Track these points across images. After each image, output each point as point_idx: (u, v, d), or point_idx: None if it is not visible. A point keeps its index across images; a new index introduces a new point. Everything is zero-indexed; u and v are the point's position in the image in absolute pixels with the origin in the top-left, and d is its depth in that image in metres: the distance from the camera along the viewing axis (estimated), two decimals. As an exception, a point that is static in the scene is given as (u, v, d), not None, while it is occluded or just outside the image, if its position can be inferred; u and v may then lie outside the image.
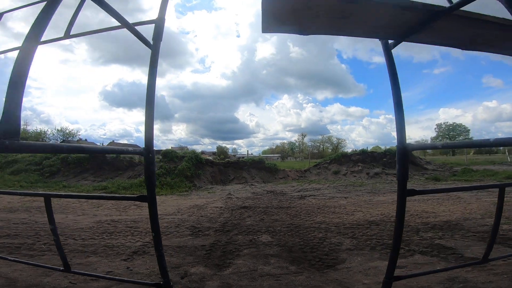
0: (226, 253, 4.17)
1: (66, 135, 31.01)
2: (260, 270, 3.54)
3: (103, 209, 8.07)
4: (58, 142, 31.10)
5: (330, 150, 64.17)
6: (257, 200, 9.59)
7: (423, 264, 3.80)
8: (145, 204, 6.52)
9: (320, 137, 72.10)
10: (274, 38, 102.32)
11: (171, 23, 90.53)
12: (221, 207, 8.40)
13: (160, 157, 18.35)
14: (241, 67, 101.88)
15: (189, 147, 21.61)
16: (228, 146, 75.01)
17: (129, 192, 11.97)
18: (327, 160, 20.38)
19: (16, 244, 4.52)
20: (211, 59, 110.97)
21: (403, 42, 2.31)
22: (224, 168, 18.28)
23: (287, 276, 3.38)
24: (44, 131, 31.95)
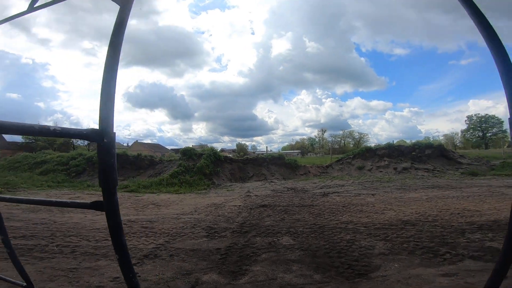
0: (243, 258, 3.78)
1: None
2: (280, 279, 3.11)
3: (122, 208, 7.99)
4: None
5: (351, 145, 62.16)
6: (277, 198, 9.15)
7: (477, 271, 3.18)
8: (163, 203, 6.34)
9: (341, 132, 69.92)
10: (289, 33, 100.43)
11: (186, 24, 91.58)
12: (239, 205, 8.06)
13: (180, 155, 18.42)
14: (258, 64, 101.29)
15: (209, 145, 21.49)
16: (247, 143, 75.03)
17: (149, 190, 11.98)
18: (350, 155, 19.44)
19: (29, 245, 4.43)
20: (227, 58, 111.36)
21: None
22: (243, 165, 17.98)
23: (311, 287, 2.93)
24: None
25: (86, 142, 33.04)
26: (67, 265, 3.63)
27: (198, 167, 15.20)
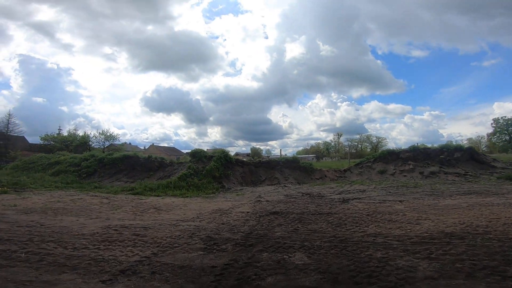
0: (242, 281, 2.91)
1: (108, 138, 32.75)
2: (291, 318, 2.22)
3: (120, 212, 7.36)
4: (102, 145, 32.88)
5: (369, 150, 59.63)
6: (291, 204, 8.20)
7: None
8: (165, 207, 5.53)
9: (357, 136, 67.16)
10: (303, 37, 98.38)
11: (200, 29, 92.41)
12: (247, 212, 7.19)
13: (189, 157, 17.85)
14: (271, 68, 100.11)
15: (224, 149, 20.91)
16: (261, 147, 73.79)
17: (154, 193, 11.36)
18: (370, 158, 18.11)
19: (-3, 253, 3.77)
20: (241, 62, 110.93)
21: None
22: (255, 168, 17.13)
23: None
24: (88, 134, 33.96)
25: (103, 144, 33.39)
26: (23, 277, 2.92)
27: (207, 170, 14.49)
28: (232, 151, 56.00)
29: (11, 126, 31.63)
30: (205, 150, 18.81)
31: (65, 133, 35.18)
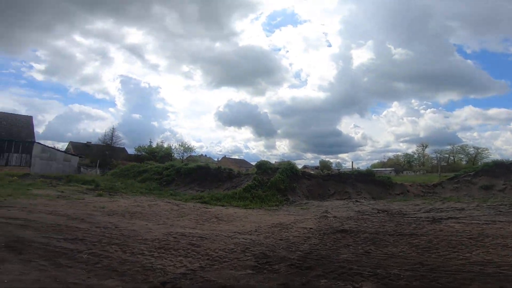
0: (290, 315, 2.32)
1: (186, 150, 37.18)
2: None
3: (185, 220, 7.59)
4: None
5: (464, 162, 49.48)
6: (363, 222, 7.07)
7: None
8: (226, 218, 5.39)
9: (449, 147, 56.59)
10: (370, 42, 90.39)
11: (262, 42, 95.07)
12: (310, 228, 6.45)
13: (255, 169, 17.92)
14: (338, 77, 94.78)
15: (291, 161, 20.62)
16: (331, 160, 69.84)
17: (220, 203, 11.59)
18: (469, 171, 14.79)
19: (66, 249, 4.12)
20: (305, 73, 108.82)
21: None
22: (324, 181, 15.96)
23: None
24: (170, 146, 39.10)
25: (182, 155, 37.30)
26: (72, 278, 3.01)
27: (272, 182, 14.16)
28: (300, 164, 54.77)
29: (114, 139, 38.35)
30: (273, 162, 18.68)
31: (154, 145, 40.72)
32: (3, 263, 3.28)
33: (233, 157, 70.17)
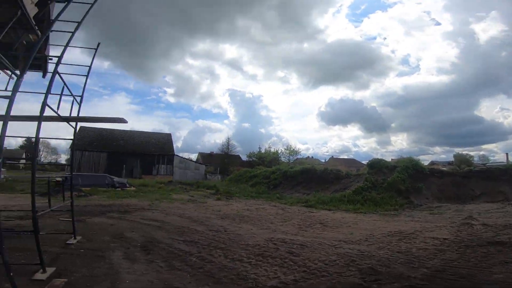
0: None
1: (292, 153, 37.99)
2: None
3: (288, 224, 7.42)
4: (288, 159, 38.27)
5: None
6: (534, 236, 4.90)
7: None
8: (332, 223, 5.21)
9: None
10: (493, 12, 65.18)
11: (352, 34, 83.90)
12: (444, 239, 4.98)
13: (367, 168, 16.03)
14: (462, 56, 73.55)
15: (413, 157, 17.25)
16: (471, 153, 54.78)
17: (326, 207, 10.85)
18: None
19: (183, 251, 4.61)
20: (415, 57, 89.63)
21: None
22: (463, 179, 12.55)
23: None
24: (276, 150, 41.07)
25: (288, 159, 38.24)
26: (176, 282, 3.27)
27: (388, 183, 12.23)
28: (426, 160, 45.67)
29: (230, 148, 43.65)
30: (389, 160, 16.29)
31: (263, 151, 43.76)
32: (134, 262, 3.94)
33: (341, 157, 66.16)
